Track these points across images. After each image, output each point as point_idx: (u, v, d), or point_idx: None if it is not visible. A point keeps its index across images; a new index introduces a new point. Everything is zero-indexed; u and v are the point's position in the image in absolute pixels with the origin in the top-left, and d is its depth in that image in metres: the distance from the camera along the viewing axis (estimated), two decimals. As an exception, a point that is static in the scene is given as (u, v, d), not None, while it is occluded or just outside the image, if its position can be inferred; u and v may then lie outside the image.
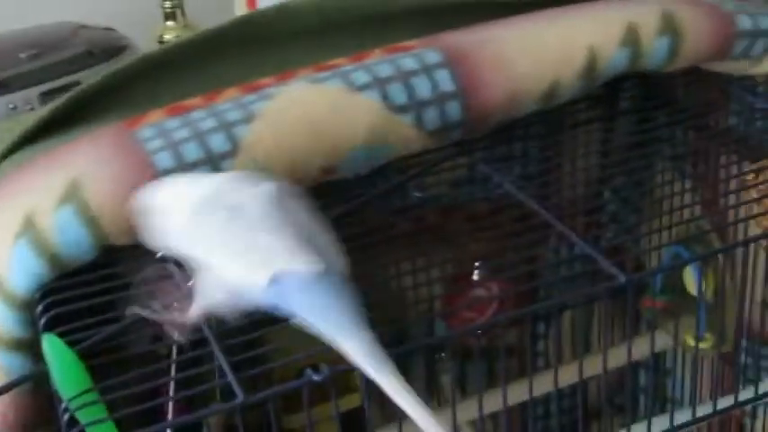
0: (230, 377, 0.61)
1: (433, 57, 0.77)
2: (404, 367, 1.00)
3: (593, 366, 0.88)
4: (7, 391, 0.70)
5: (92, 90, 0.80)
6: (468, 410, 0.90)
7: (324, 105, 0.74)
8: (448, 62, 0.76)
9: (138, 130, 0.74)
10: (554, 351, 1.04)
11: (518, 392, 0.84)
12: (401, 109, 0.75)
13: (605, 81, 0.82)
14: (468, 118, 0.77)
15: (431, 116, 0.76)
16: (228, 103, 0.75)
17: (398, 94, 0.75)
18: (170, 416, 0.74)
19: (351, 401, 0.94)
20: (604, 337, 0.78)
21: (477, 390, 0.85)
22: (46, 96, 1.18)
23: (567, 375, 0.91)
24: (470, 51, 0.77)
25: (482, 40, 0.78)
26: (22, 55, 1.21)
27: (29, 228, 0.70)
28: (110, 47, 1.26)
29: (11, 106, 1.18)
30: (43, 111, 0.80)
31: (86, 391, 0.62)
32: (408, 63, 0.76)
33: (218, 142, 0.72)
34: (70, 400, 0.62)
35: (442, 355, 1.02)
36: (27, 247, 0.70)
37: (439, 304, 0.99)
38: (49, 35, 1.31)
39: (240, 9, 1.27)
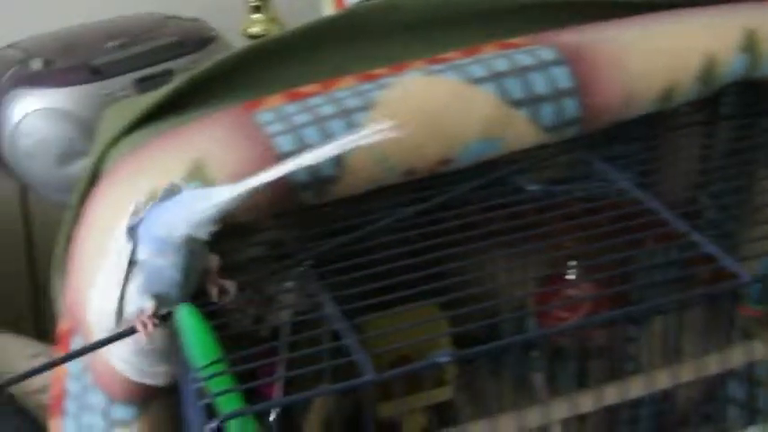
0: (360, 355, 0.62)
1: (548, 54, 0.78)
2: (495, 365, 1.02)
3: (684, 373, 0.88)
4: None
5: (205, 74, 0.82)
6: (558, 410, 0.90)
7: (441, 97, 0.75)
8: (564, 59, 0.77)
9: (258, 113, 0.75)
10: (646, 355, 1.04)
11: (608, 395, 0.84)
12: (518, 103, 0.76)
13: (722, 86, 0.82)
14: (584, 116, 0.78)
15: (547, 112, 0.76)
16: (346, 90, 0.77)
17: (515, 88, 0.76)
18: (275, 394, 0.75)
19: (441, 394, 0.95)
20: (699, 344, 0.79)
21: (566, 390, 0.86)
22: (141, 83, 1.20)
23: (657, 381, 0.91)
24: (586, 50, 0.78)
25: (597, 39, 0.79)
26: (111, 44, 1.23)
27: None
28: (199, 37, 1.28)
29: (105, 92, 1.20)
30: (157, 94, 0.81)
31: (217, 362, 0.63)
32: (523, 59, 0.77)
33: (338, 128, 0.73)
34: (201, 369, 0.63)
35: (534, 353, 1.03)
36: None
37: (532, 303, 0.99)
38: (137, 25, 1.32)
39: (327, 3, 1.29)
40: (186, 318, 0.65)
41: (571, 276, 0.99)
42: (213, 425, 0.60)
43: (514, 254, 0.91)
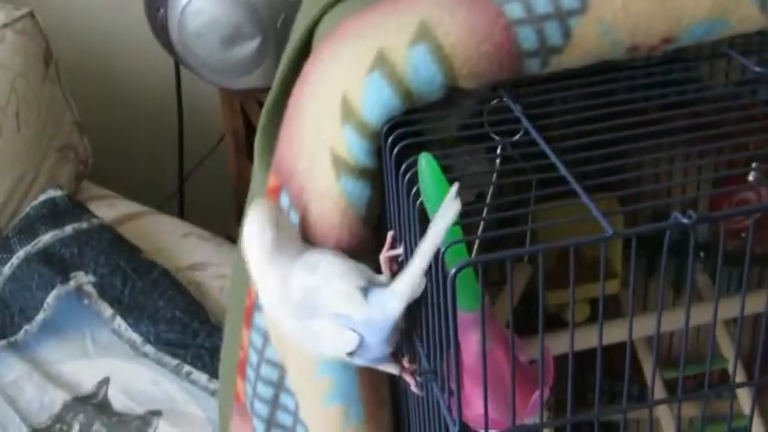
0: (598, 214, 0.63)
1: (784, -66, 0.76)
2: (658, 263, 1.02)
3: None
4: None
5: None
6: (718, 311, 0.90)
7: None
8: None
9: (483, -18, 0.76)
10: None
11: (759, 302, 0.83)
12: None
13: None
14: None
15: None
16: (575, -37, 0.76)
17: None
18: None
19: (610, 287, 0.95)
20: None
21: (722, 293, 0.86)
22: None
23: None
24: None
25: None
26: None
27: (383, 62, 0.72)
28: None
29: (276, -24, 1.21)
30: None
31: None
32: None
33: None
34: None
35: (701, 254, 1.02)
36: (381, 80, 0.72)
37: (704, 204, 0.99)
38: None
39: None
40: (427, 167, 0.66)
41: (750, 179, 0.98)
42: (454, 271, 0.60)
43: (693, 153, 0.91)
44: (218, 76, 1.29)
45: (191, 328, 1.18)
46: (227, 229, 1.39)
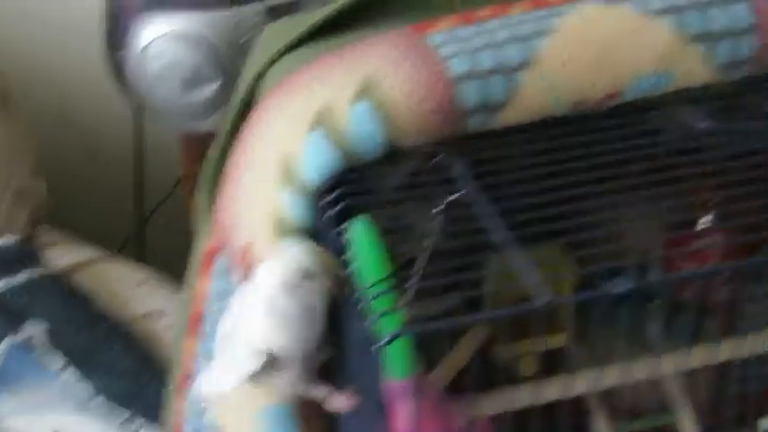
0: (533, 279, 0.60)
1: (731, -12, 0.75)
2: (611, 313, 1.00)
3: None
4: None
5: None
6: (670, 363, 0.88)
7: (617, 28, 0.73)
8: None
9: (429, 35, 0.74)
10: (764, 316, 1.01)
11: (721, 352, 0.82)
12: (694, 39, 0.74)
13: None
14: (758, 55, 0.75)
15: (722, 49, 0.74)
16: (520, 16, 0.75)
17: (694, 23, 0.74)
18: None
19: (556, 341, 0.93)
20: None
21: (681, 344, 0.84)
22: (272, 12, 1.19)
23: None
24: None
25: None
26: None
27: (323, 120, 0.71)
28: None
29: (236, 19, 1.19)
30: (322, 12, 0.80)
31: (388, 278, 0.62)
32: None
33: (512, 53, 0.72)
34: (370, 286, 0.62)
35: (654, 302, 1.01)
36: (321, 139, 0.70)
37: (658, 252, 0.97)
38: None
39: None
40: (362, 232, 0.63)
41: (703, 225, 0.96)
42: (384, 342, 0.59)
43: (646, 198, 0.89)
44: (179, 120, 1.27)
45: (142, 380, 1.15)
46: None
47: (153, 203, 1.55)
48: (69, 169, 1.56)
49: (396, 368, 0.64)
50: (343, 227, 0.66)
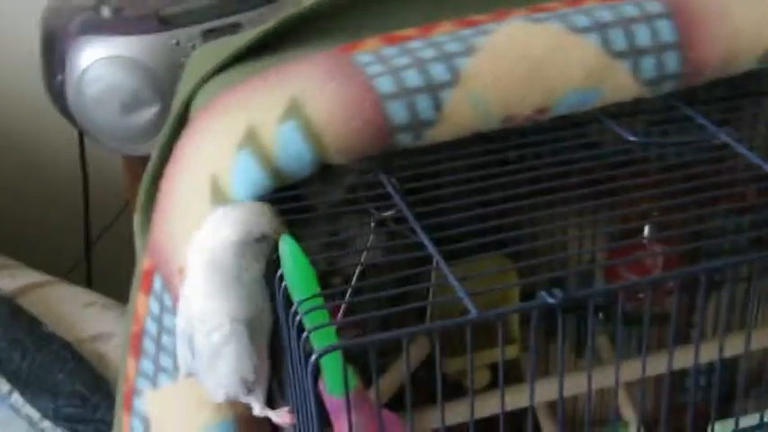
0: (462, 293, 0.62)
1: (654, 6, 0.77)
2: (554, 324, 1.02)
3: (740, 344, 0.87)
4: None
5: (297, 17, 0.81)
6: (614, 374, 0.90)
7: (544, 44, 0.74)
8: (670, 12, 0.76)
9: (355, 54, 0.75)
10: (711, 324, 1.03)
11: (663, 362, 0.83)
12: (620, 55, 0.75)
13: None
14: (684, 71, 0.77)
15: (648, 65, 0.76)
16: (445, 35, 0.76)
17: (618, 39, 0.75)
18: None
19: (509, 352, 0.95)
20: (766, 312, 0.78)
21: (622, 354, 0.85)
22: (208, 35, 1.20)
23: (713, 351, 0.90)
24: (693, 4, 0.77)
25: None
26: (187, -7, 1.23)
27: (251, 140, 0.71)
28: (270, -10, 1.27)
29: (173, 42, 1.20)
30: (251, 33, 0.81)
31: (317, 296, 0.63)
32: (629, 10, 0.76)
33: (438, 71, 0.73)
34: (300, 303, 0.63)
35: (599, 315, 1.02)
36: (249, 158, 0.71)
37: (601, 261, 0.99)
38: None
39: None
40: (288, 250, 0.65)
41: (644, 236, 0.98)
42: (313, 359, 0.60)
43: (586, 209, 0.91)
44: (119, 143, 1.28)
45: (91, 403, 1.15)
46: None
47: (100, 227, 1.55)
48: (14, 194, 1.56)
49: (332, 383, 0.65)
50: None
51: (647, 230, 0.96)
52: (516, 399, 0.79)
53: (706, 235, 0.97)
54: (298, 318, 0.62)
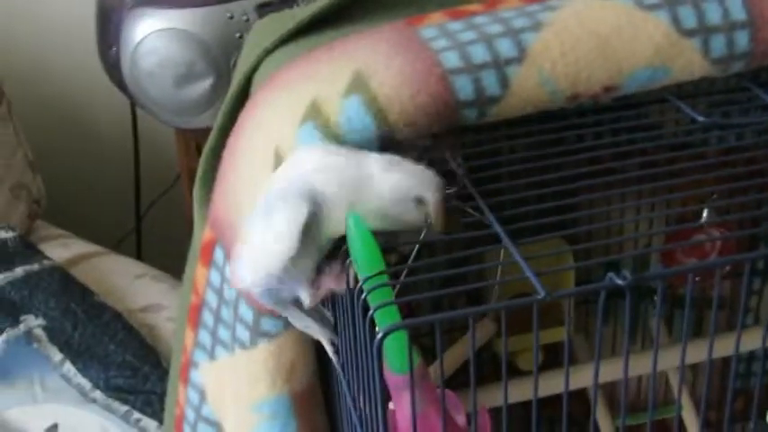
0: (530, 273, 0.61)
1: (724, -17, 0.75)
2: (613, 307, 1.01)
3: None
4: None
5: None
6: (672, 357, 0.89)
7: (612, 21, 0.73)
8: None
9: (421, 28, 0.74)
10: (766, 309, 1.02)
11: (723, 346, 0.83)
12: (690, 32, 0.74)
13: None
14: (754, 50, 0.75)
15: (718, 43, 0.75)
16: (512, 10, 0.75)
17: (689, 16, 0.74)
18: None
19: (556, 335, 0.94)
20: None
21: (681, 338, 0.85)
22: (262, 8, 1.20)
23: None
24: None
25: None
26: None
27: (315, 113, 0.71)
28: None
29: (228, 15, 1.20)
30: (314, 6, 0.81)
31: (382, 273, 0.63)
32: None
33: (505, 47, 0.72)
34: (366, 279, 0.62)
35: (654, 298, 1.01)
36: (313, 131, 0.71)
37: (658, 245, 0.98)
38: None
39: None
40: (355, 226, 0.64)
41: (702, 220, 0.97)
42: (380, 335, 0.59)
43: (644, 192, 0.90)
44: (172, 116, 1.28)
45: (141, 373, 1.16)
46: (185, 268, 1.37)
47: (150, 199, 1.56)
48: (66, 165, 1.56)
49: (394, 362, 0.64)
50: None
51: (705, 214, 0.95)
52: (574, 380, 0.78)
53: (765, 219, 0.96)
54: (363, 296, 0.62)
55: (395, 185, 0.65)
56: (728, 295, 1.03)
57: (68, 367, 1.16)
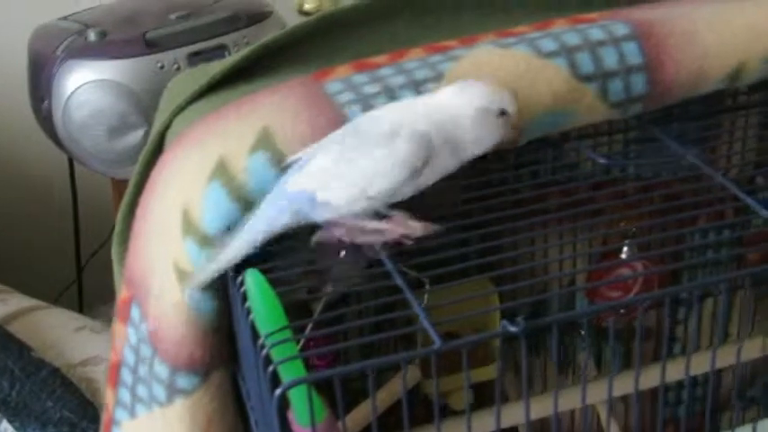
0: (426, 324, 0.62)
1: (620, 29, 0.77)
2: (540, 342, 1.02)
3: (727, 356, 0.87)
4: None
5: (272, 44, 0.82)
6: (601, 390, 0.90)
7: (512, 69, 0.74)
8: (636, 35, 0.77)
9: (326, 83, 0.75)
10: (693, 338, 1.03)
11: (651, 377, 0.83)
12: (587, 78, 0.75)
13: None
14: (651, 92, 0.77)
15: (616, 87, 0.76)
16: (415, 62, 0.76)
17: (586, 63, 0.75)
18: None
19: (486, 373, 0.94)
20: (745, 327, 0.78)
21: (610, 371, 0.85)
22: (194, 57, 1.20)
23: (701, 364, 0.90)
24: (659, 26, 0.77)
25: (670, 16, 0.78)
26: (172, 16, 1.23)
27: (222, 171, 0.71)
28: (254, 12, 1.27)
29: (159, 65, 1.20)
30: (226, 62, 0.81)
31: (284, 328, 0.63)
32: (595, 34, 0.76)
33: (408, 98, 0.73)
34: (268, 336, 0.63)
35: (581, 332, 1.02)
36: (220, 189, 0.71)
37: (582, 281, 0.99)
38: (196, -1, 1.32)
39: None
40: (253, 284, 0.64)
41: (623, 255, 0.98)
42: (279, 392, 0.59)
43: (566, 231, 0.91)
44: (107, 167, 1.28)
45: (79, 428, 1.15)
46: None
47: (90, 250, 1.55)
48: (4, 217, 1.56)
49: (300, 415, 0.65)
50: (238, 280, 0.67)
51: (625, 250, 0.96)
52: (506, 418, 0.78)
53: (687, 250, 0.97)
54: (264, 351, 0.62)
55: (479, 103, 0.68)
56: (654, 326, 1.04)
57: (5, 426, 1.16)
